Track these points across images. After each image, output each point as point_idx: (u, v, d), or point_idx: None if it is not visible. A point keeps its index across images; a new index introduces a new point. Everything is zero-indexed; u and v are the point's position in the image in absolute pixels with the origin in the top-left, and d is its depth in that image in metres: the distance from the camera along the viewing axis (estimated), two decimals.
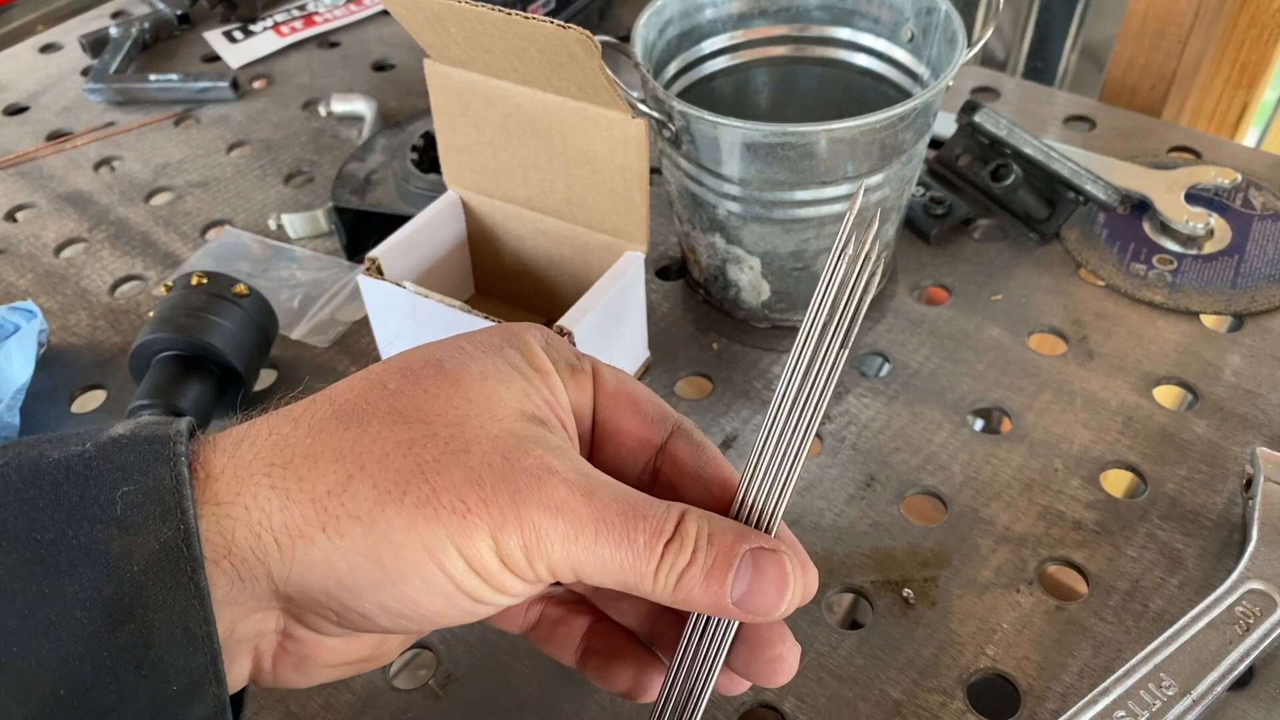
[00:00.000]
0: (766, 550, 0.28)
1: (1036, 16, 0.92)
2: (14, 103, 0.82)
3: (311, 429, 0.27)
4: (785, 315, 0.58)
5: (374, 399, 0.27)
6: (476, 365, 0.28)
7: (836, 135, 0.48)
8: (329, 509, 0.25)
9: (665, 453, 0.31)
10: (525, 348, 0.30)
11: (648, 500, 0.27)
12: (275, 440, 0.27)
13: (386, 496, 0.25)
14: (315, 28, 0.88)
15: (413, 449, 0.26)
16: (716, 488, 0.31)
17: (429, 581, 0.26)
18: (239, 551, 0.25)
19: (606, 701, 0.42)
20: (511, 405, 0.28)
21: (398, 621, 0.27)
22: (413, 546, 0.25)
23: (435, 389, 0.28)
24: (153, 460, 0.25)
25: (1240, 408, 0.52)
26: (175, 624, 0.24)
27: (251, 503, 0.25)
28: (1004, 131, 0.63)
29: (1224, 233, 0.62)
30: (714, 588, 0.27)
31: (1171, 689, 0.39)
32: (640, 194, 0.49)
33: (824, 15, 0.59)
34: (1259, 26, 0.79)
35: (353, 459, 0.26)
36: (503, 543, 0.26)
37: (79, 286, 0.65)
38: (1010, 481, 0.49)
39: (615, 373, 0.32)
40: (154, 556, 0.24)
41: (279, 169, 0.73)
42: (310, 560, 0.25)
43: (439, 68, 0.51)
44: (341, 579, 0.25)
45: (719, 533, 0.28)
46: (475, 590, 0.26)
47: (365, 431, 0.26)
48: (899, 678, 0.42)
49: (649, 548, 0.26)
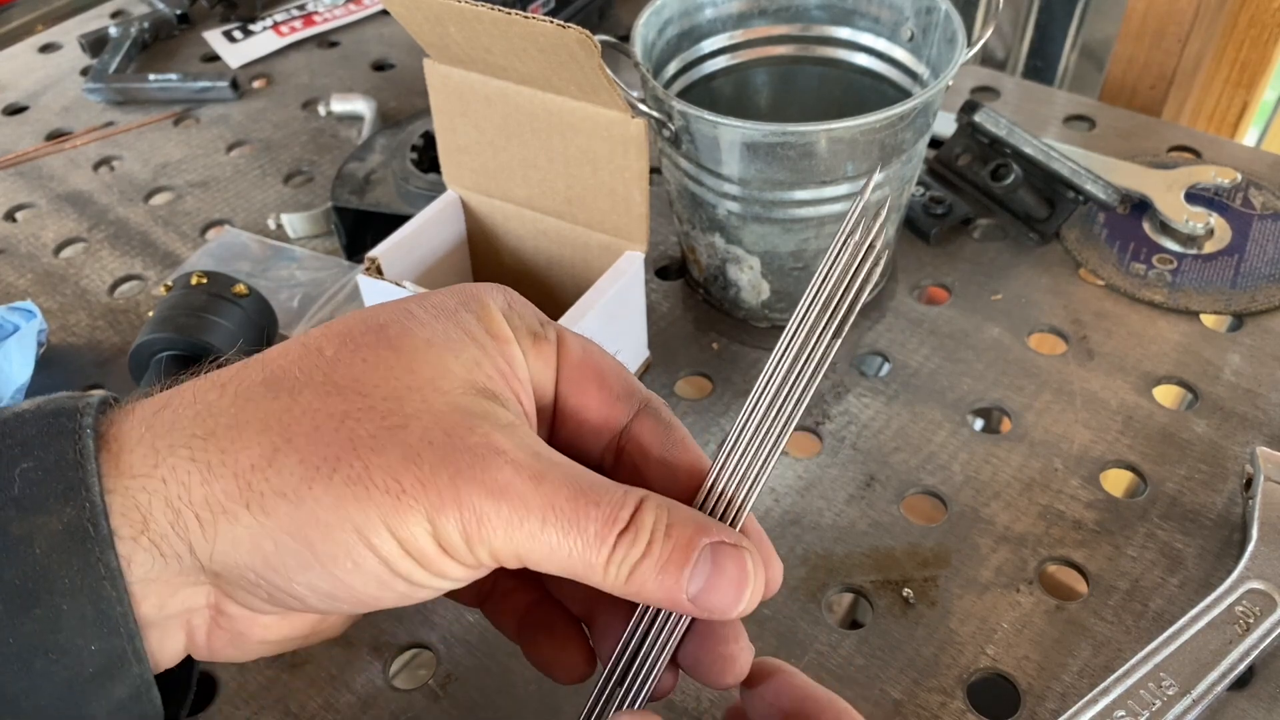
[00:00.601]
0: (727, 545, 0.26)
1: (1036, 16, 0.91)
2: (13, 102, 0.82)
3: (238, 397, 0.25)
4: (785, 315, 0.58)
5: (308, 366, 0.25)
6: (424, 332, 0.26)
7: (836, 135, 0.48)
8: (253, 484, 0.24)
9: (630, 433, 0.29)
10: (483, 311, 0.28)
11: (603, 485, 0.26)
12: (199, 408, 0.25)
13: (315, 473, 0.24)
14: (315, 27, 0.88)
15: (345, 422, 0.24)
16: (683, 472, 0.29)
17: (360, 564, 0.24)
18: (156, 527, 0.24)
19: None
20: (460, 377, 0.26)
21: (330, 602, 0.25)
22: (342, 527, 0.24)
23: (375, 357, 0.26)
24: (55, 434, 0.24)
25: (1240, 407, 0.52)
26: (85, 607, 0.23)
27: (170, 475, 0.24)
28: (1004, 131, 0.63)
29: (1224, 232, 0.62)
30: (668, 582, 0.25)
31: (1171, 689, 0.39)
32: (640, 194, 0.49)
33: (824, 15, 0.59)
34: (1259, 26, 0.79)
35: (280, 431, 0.24)
36: (440, 526, 0.24)
37: (78, 286, 0.65)
38: (1010, 481, 0.49)
39: (582, 342, 0.30)
40: (57, 538, 0.23)
41: (278, 169, 0.73)
42: (235, 538, 0.24)
43: (438, 67, 0.51)
44: (268, 558, 0.24)
45: (678, 524, 0.26)
46: (410, 574, 0.25)
47: (295, 402, 0.25)
48: (899, 678, 0.42)
49: (600, 537, 0.25)
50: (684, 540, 0.26)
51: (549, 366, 0.29)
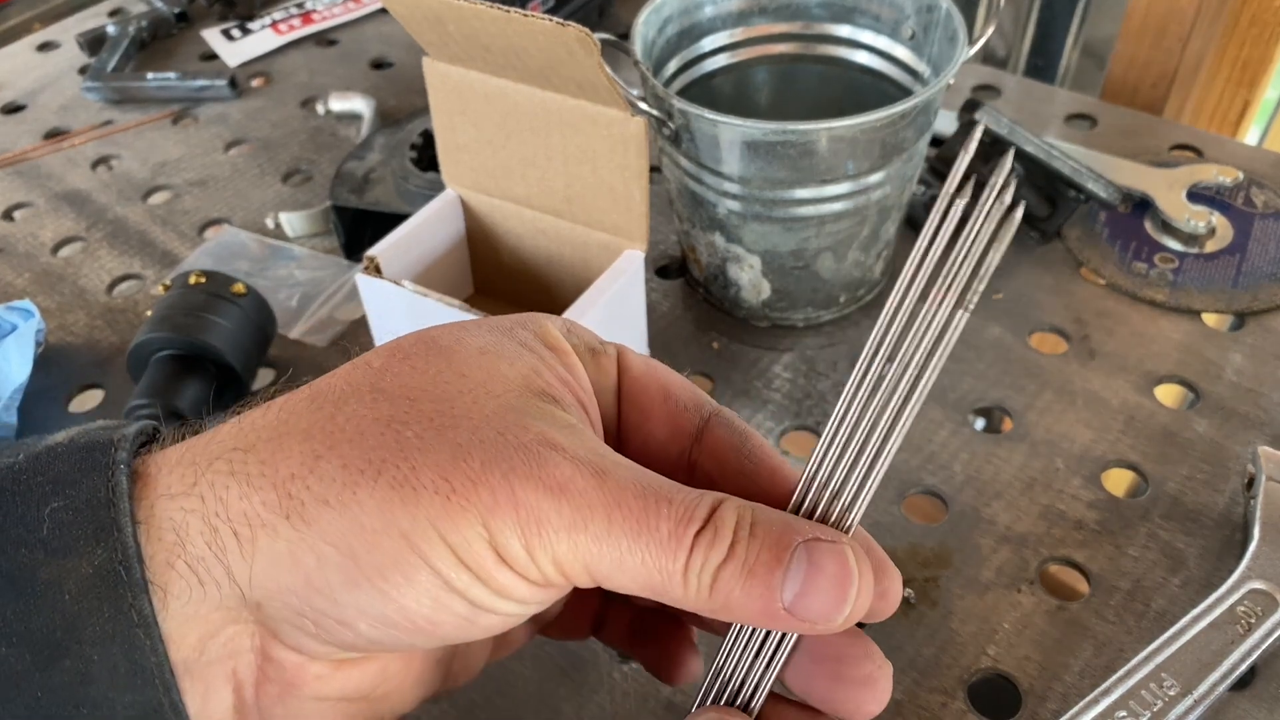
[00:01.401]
0: (824, 542, 0.23)
1: (1038, 14, 0.91)
2: (11, 101, 0.82)
3: (282, 411, 0.24)
4: (785, 314, 0.58)
5: (355, 378, 0.24)
6: (476, 341, 0.25)
7: (837, 133, 0.47)
8: (293, 493, 0.22)
9: (702, 444, 0.27)
10: (540, 328, 0.27)
11: (673, 485, 0.23)
12: (241, 426, 0.24)
13: (359, 477, 0.22)
14: (313, 26, 0.88)
15: (391, 425, 0.23)
16: (765, 481, 0.26)
17: (411, 576, 0.22)
18: (194, 549, 0.22)
19: (606, 702, 0.42)
20: (515, 382, 0.24)
21: (383, 631, 0.23)
22: (388, 533, 0.22)
23: (424, 365, 0.24)
24: (87, 470, 0.22)
25: (1242, 407, 0.52)
26: (117, 657, 0.21)
27: (208, 491, 0.22)
28: (1005, 130, 0.63)
29: (1225, 231, 0.62)
30: (759, 589, 0.22)
31: (1173, 689, 0.39)
32: (640, 192, 0.49)
33: (824, 13, 0.59)
34: (1260, 24, 0.79)
35: (322, 438, 0.23)
36: (496, 530, 0.22)
37: (77, 285, 0.64)
38: (1011, 481, 0.49)
39: (642, 358, 0.28)
40: (87, 583, 0.21)
41: (277, 168, 0.73)
42: (274, 554, 0.22)
43: (438, 66, 0.51)
44: (310, 576, 0.22)
45: (764, 522, 0.23)
46: (468, 589, 0.22)
47: (340, 410, 0.23)
48: (900, 678, 0.42)
49: (675, 538, 0.22)
50: (773, 539, 0.23)
51: (610, 379, 0.28)
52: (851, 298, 0.58)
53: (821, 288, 0.56)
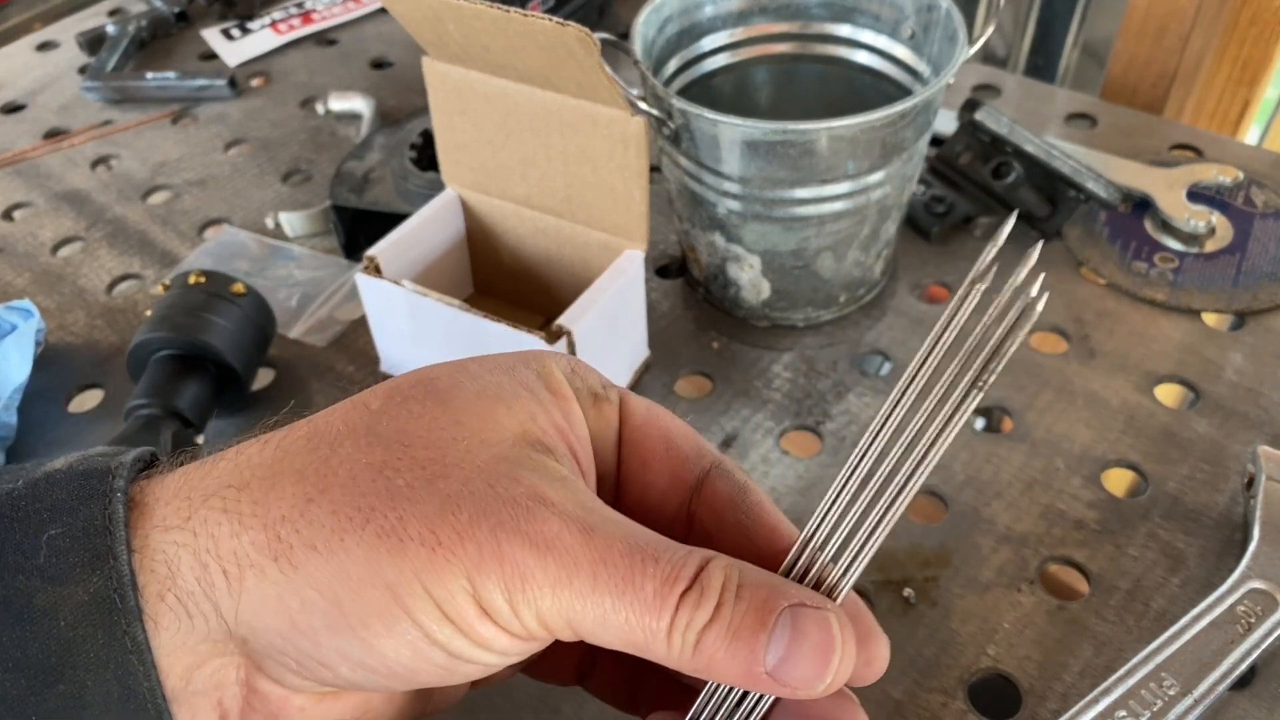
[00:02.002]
0: (809, 608, 0.23)
1: (1038, 14, 0.91)
2: (11, 101, 0.82)
3: (279, 449, 0.24)
4: (785, 314, 0.58)
5: (353, 420, 0.24)
6: (474, 385, 0.25)
7: (837, 133, 0.47)
8: (283, 536, 0.22)
9: (701, 496, 0.27)
10: (543, 368, 0.26)
11: (662, 542, 0.23)
12: (239, 461, 0.24)
13: (348, 524, 0.22)
14: (313, 25, 0.88)
15: (384, 472, 0.23)
16: (761, 537, 0.26)
17: (392, 627, 0.22)
18: (184, 584, 0.22)
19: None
20: (510, 429, 0.24)
21: (362, 674, 0.23)
22: (373, 583, 0.22)
23: (421, 409, 0.24)
24: (85, 497, 0.22)
25: (1242, 406, 0.52)
26: (111, 684, 0.22)
27: (200, 528, 0.23)
28: (1005, 129, 0.63)
29: (1225, 231, 0.62)
30: (742, 652, 0.22)
31: (1173, 688, 0.39)
32: (640, 192, 0.49)
33: (824, 12, 0.59)
34: (1260, 24, 0.79)
35: (315, 481, 0.23)
36: (480, 585, 0.22)
37: (76, 285, 0.64)
38: (1011, 481, 0.49)
39: (646, 403, 0.28)
40: (83, 610, 0.22)
41: (277, 167, 0.73)
42: (261, 595, 0.22)
43: (437, 65, 0.51)
44: (295, 619, 0.22)
45: (750, 584, 0.23)
46: (449, 643, 0.23)
47: (335, 453, 0.23)
48: (900, 678, 0.42)
49: (659, 597, 0.22)
50: (758, 602, 0.23)
51: (610, 427, 0.28)
52: (851, 297, 0.58)
53: (821, 287, 0.56)
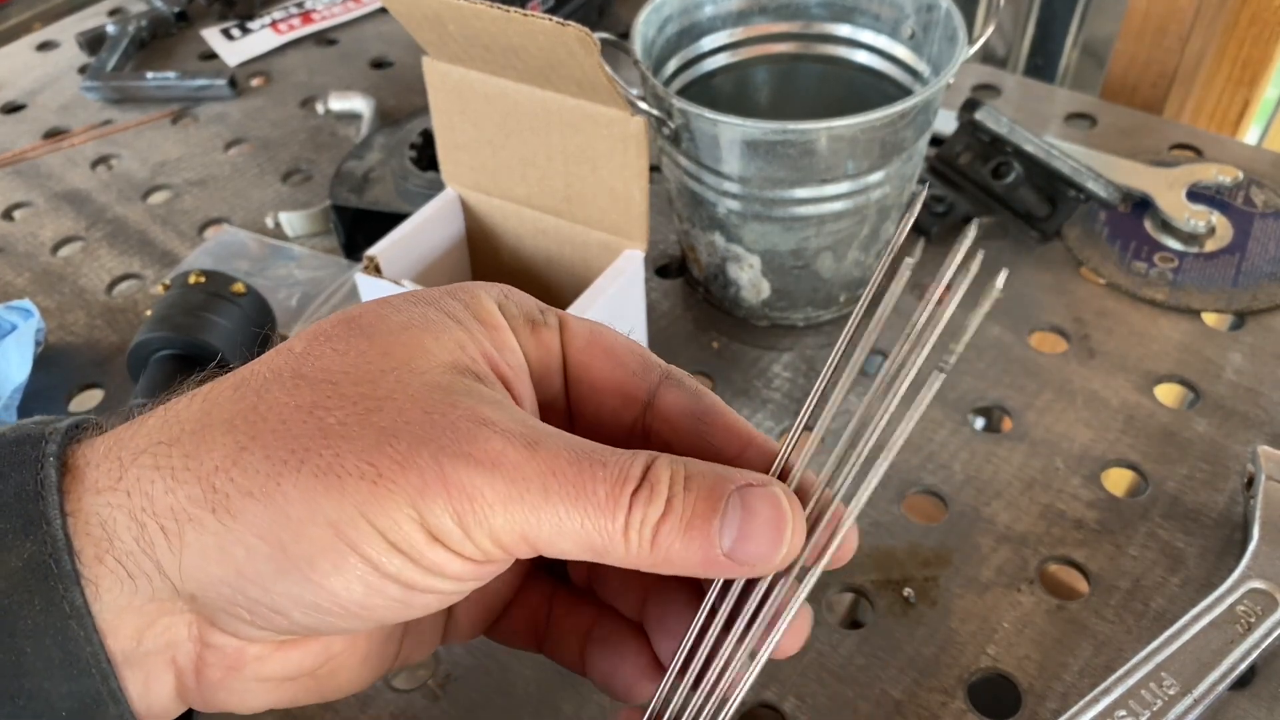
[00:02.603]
0: (755, 487, 0.24)
1: (1037, 14, 0.91)
2: (11, 100, 0.82)
3: (206, 401, 0.24)
4: (785, 314, 0.58)
5: (278, 365, 0.24)
6: (399, 317, 0.25)
7: (837, 133, 0.47)
8: (218, 486, 0.22)
9: (655, 409, 0.27)
10: (471, 299, 0.26)
11: (605, 449, 0.23)
12: (167, 417, 0.24)
13: (283, 467, 0.22)
14: (313, 25, 0.88)
15: (314, 412, 0.22)
16: (720, 439, 0.27)
17: (340, 564, 0.22)
18: (122, 545, 0.22)
19: (607, 702, 0.42)
20: (440, 358, 0.24)
21: (317, 617, 0.23)
22: (315, 523, 0.22)
23: (345, 346, 0.24)
24: (16, 464, 0.22)
25: (1241, 406, 0.52)
26: (51, 649, 0.22)
27: (134, 486, 0.22)
28: (1005, 129, 0.63)
29: (1225, 231, 0.62)
30: (698, 539, 0.23)
31: (1173, 688, 0.39)
32: (640, 192, 0.49)
33: (824, 12, 0.59)
34: (1260, 24, 0.79)
35: (245, 429, 0.22)
36: (426, 511, 0.22)
37: (76, 285, 0.64)
38: (1011, 480, 0.49)
39: (588, 324, 0.28)
40: (17, 576, 0.21)
41: (277, 167, 0.73)
42: (202, 547, 0.22)
43: (437, 65, 0.51)
44: (241, 567, 0.22)
45: (697, 474, 0.23)
46: (400, 573, 0.22)
47: (262, 399, 0.23)
48: (899, 677, 0.42)
49: (612, 499, 0.22)
50: (706, 489, 0.23)
51: (552, 353, 0.27)
52: (851, 297, 0.58)
53: (821, 287, 0.56)
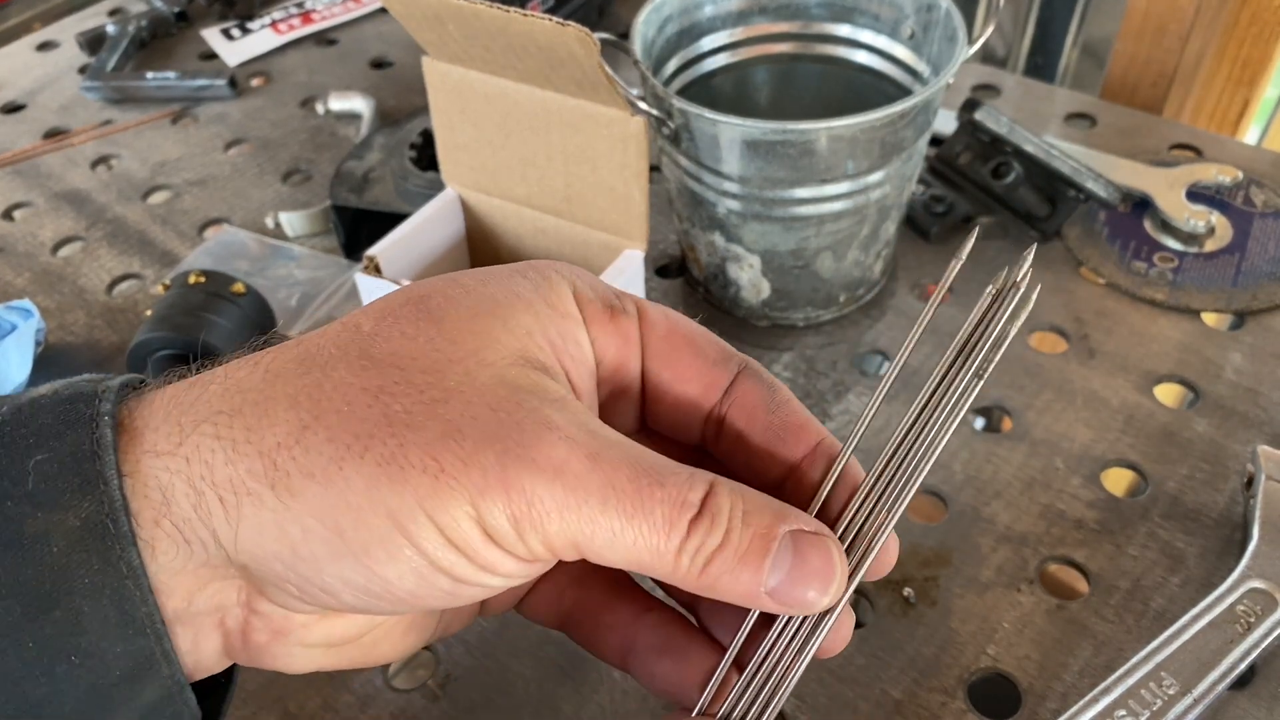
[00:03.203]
0: (808, 533, 0.24)
1: (1037, 14, 0.91)
2: (11, 100, 0.82)
3: (269, 372, 0.23)
4: (785, 314, 0.58)
5: (344, 342, 0.24)
6: (469, 300, 0.24)
7: (836, 133, 0.47)
8: (279, 464, 0.22)
9: (730, 398, 0.27)
10: (543, 280, 0.25)
11: (666, 464, 0.23)
12: (228, 384, 0.23)
13: (346, 452, 0.22)
14: (313, 25, 0.88)
15: (380, 398, 0.22)
16: (792, 435, 0.27)
17: (394, 555, 0.22)
18: (179, 510, 0.22)
19: (606, 702, 0.42)
20: (509, 347, 0.24)
21: (366, 600, 0.23)
22: (375, 512, 0.22)
23: (415, 330, 0.24)
24: (71, 423, 0.22)
25: (1241, 406, 0.52)
26: (108, 609, 0.22)
27: (193, 454, 0.22)
28: (1004, 129, 0.63)
29: (1225, 231, 0.62)
30: (747, 574, 0.23)
31: (1172, 688, 0.39)
32: (639, 192, 0.49)
33: (824, 12, 0.59)
34: (1260, 23, 0.79)
35: (309, 407, 0.22)
36: (486, 512, 0.22)
37: (76, 285, 0.64)
38: (1011, 480, 0.49)
39: (665, 312, 0.28)
40: (75, 535, 0.21)
41: (277, 167, 0.73)
42: (259, 522, 0.22)
43: (437, 65, 0.51)
44: (296, 546, 0.22)
45: (755, 510, 0.24)
46: (453, 568, 0.22)
47: (328, 377, 0.23)
48: (900, 677, 0.42)
49: (668, 521, 0.23)
50: (763, 528, 0.23)
51: (630, 342, 0.27)
52: (851, 297, 0.58)
53: (821, 287, 0.56)
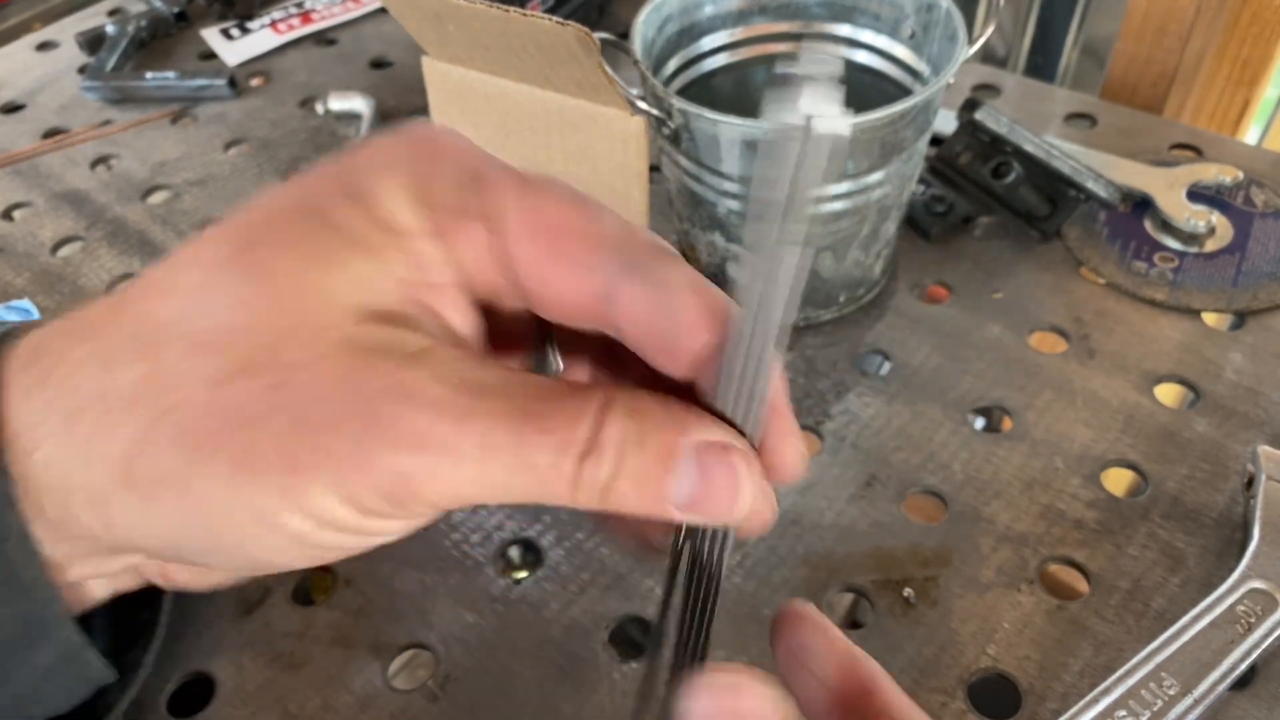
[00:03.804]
0: (713, 445, 0.22)
1: (1037, 13, 0.91)
2: (10, 100, 0.82)
3: (105, 361, 0.22)
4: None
5: (174, 310, 0.22)
6: (289, 253, 0.22)
7: None
8: (133, 470, 0.21)
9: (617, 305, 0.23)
10: (367, 201, 0.22)
11: (549, 397, 0.21)
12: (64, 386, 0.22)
13: (195, 454, 0.20)
14: (312, 25, 0.88)
15: (220, 388, 0.21)
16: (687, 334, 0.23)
17: (272, 542, 0.21)
18: (52, 514, 0.22)
19: (606, 702, 0.42)
20: (346, 302, 0.21)
21: (255, 569, 0.23)
22: (240, 510, 0.21)
23: (233, 296, 0.21)
24: None
25: (1241, 406, 0.52)
26: None
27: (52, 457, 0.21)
28: (1005, 129, 0.63)
29: (1225, 230, 0.62)
30: (650, 496, 0.21)
31: (1173, 688, 0.39)
32: (639, 192, 0.49)
33: (824, 12, 0.59)
34: (1260, 23, 0.79)
35: (148, 403, 0.21)
36: (355, 494, 0.20)
37: (76, 285, 0.64)
38: (1011, 480, 0.49)
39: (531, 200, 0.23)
40: None
41: (276, 167, 0.73)
42: (131, 524, 0.21)
43: (437, 65, 0.51)
44: (175, 540, 0.22)
45: (652, 429, 0.21)
46: (334, 542, 0.22)
47: (160, 366, 0.21)
48: (899, 677, 0.42)
49: (556, 466, 0.21)
50: (662, 447, 0.21)
51: (486, 250, 0.23)
52: (851, 297, 0.58)
53: (821, 287, 0.56)
